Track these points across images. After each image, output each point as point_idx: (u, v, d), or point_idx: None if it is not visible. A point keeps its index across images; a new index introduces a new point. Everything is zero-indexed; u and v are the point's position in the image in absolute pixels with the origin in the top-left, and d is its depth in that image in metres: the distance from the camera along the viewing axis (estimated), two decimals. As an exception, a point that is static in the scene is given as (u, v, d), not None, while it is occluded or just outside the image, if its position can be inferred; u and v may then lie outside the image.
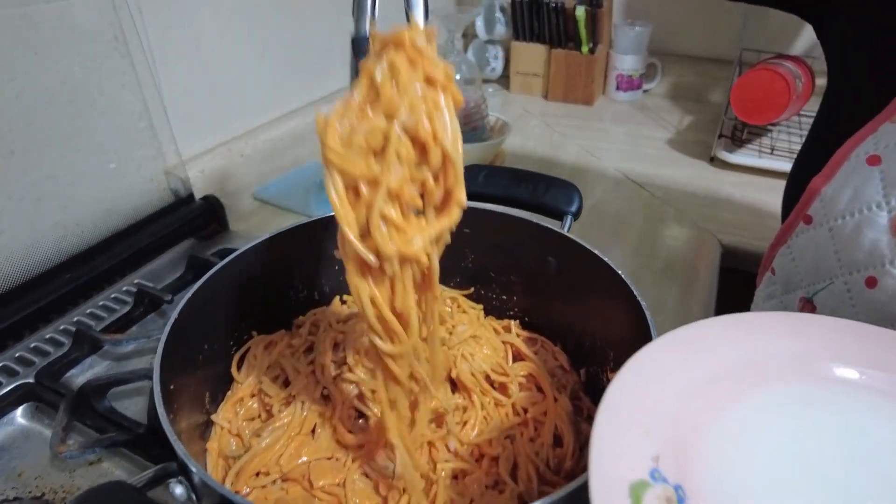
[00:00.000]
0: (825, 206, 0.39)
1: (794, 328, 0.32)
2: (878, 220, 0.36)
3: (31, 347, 0.62)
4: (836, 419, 0.28)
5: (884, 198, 0.36)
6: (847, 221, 0.37)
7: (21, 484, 0.50)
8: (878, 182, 0.36)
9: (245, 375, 0.41)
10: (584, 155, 1.09)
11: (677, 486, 0.24)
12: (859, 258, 0.37)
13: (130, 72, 0.76)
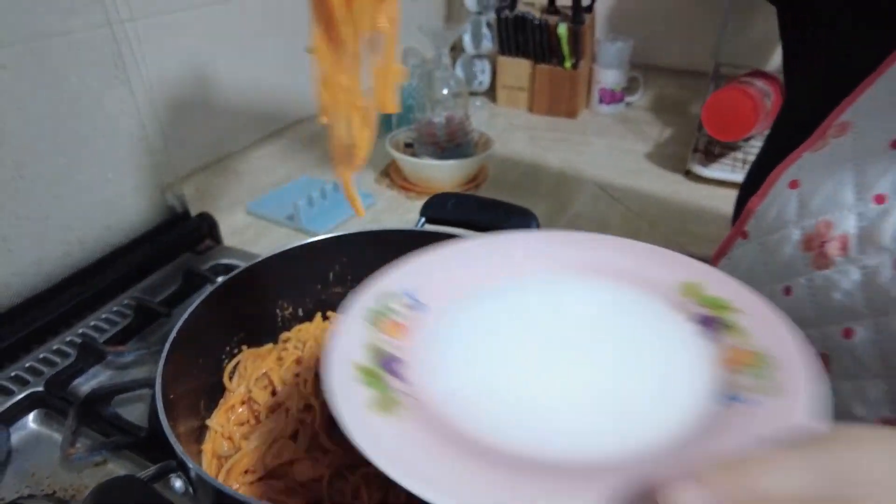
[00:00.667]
0: (757, 223, 0.44)
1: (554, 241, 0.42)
2: (793, 237, 0.41)
3: (40, 358, 0.66)
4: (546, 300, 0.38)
5: (798, 218, 0.41)
6: (772, 237, 0.42)
7: (34, 483, 0.55)
8: (795, 203, 0.41)
9: (236, 385, 0.46)
10: (564, 168, 1.14)
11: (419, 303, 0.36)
12: (780, 270, 0.42)
13: (129, 98, 0.80)
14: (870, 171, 0.38)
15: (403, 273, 0.39)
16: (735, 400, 0.29)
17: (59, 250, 0.75)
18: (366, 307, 0.35)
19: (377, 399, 0.29)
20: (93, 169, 0.77)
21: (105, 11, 0.75)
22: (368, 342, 0.32)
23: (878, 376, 0.36)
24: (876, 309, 0.36)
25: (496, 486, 0.25)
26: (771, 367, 0.30)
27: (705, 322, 0.34)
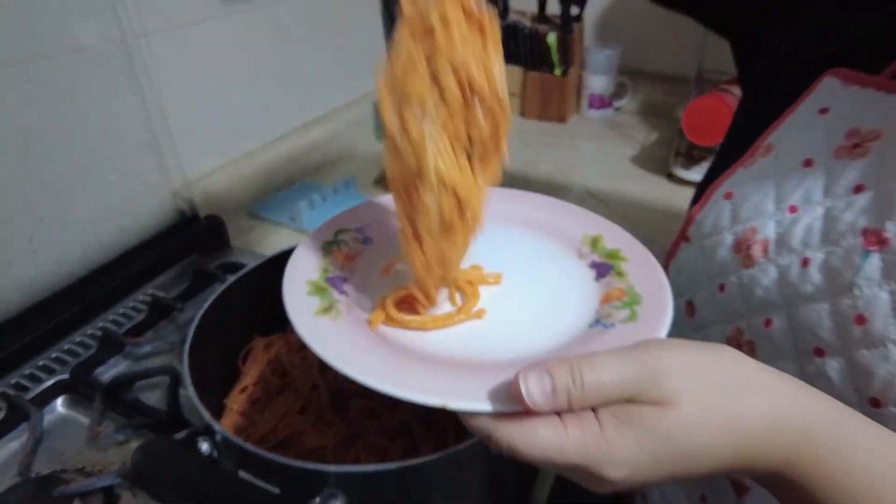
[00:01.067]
0: (697, 229, 0.50)
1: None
2: (726, 241, 0.46)
3: (65, 349, 0.72)
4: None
5: (730, 224, 0.46)
6: (709, 241, 0.48)
7: (64, 461, 0.60)
8: (729, 212, 0.47)
9: (249, 368, 0.51)
10: (553, 171, 1.20)
11: (367, 238, 0.45)
12: (715, 269, 0.47)
13: (141, 107, 0.86)
14: (786, 186, 0.43)
15: (358, 214, 0.48)
16: (602, 325, 0.37)
17: (78, 250, 0.81)
18: (322, 240, 0.43)
19: (322, 306, 0.36)
20: (108, 174, 0.83)
21: (121, 28, 0.81)
22: (321, 266, 0.41)
23: (790, 359, 0.42)
24: (788, 301, 0.42)
25: (407, 371, 0.32)
26: (636, 303, 0.38)
27: (599, 267, 0.43)
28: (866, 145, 0.40)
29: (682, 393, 0.28)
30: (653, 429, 0.27)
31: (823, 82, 0.44)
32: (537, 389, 0.27)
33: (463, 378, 0.32)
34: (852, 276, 0.38)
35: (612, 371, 0.28)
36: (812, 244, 0.41)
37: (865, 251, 0.38)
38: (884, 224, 0.38)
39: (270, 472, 0.36)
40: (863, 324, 0.37)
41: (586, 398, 0.27)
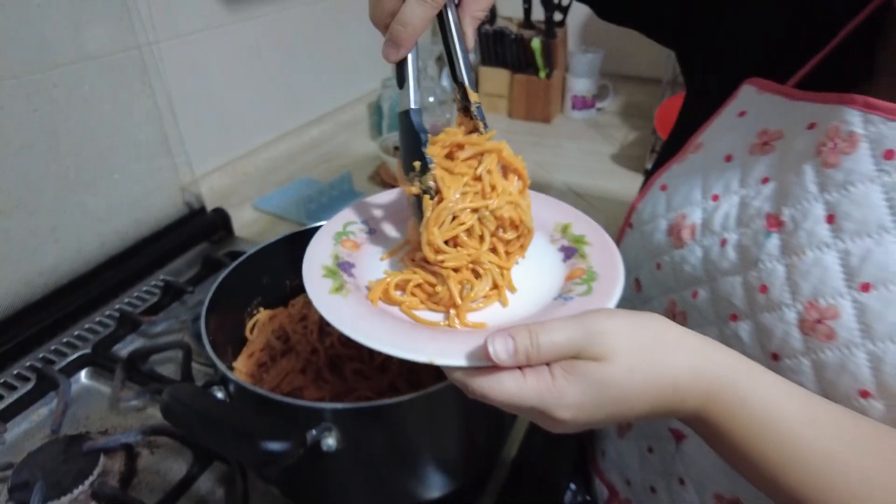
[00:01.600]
0: (638, 216, 0.58)
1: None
2: (661, 226, 0.54)
3: (86, 328, 0.80)
4: None
5: (665, 212, 0.54)
6: (647, 227, 0.56)
7: (89, 424, 0.68)
8: (664, 202, 0.55)
9: (255, 337, 0.59)
10: (536, 169, 1.28)
11: (371, 229, 0.52)
12: (653, 250, 0.55)
13: (154, 109, 0.94)
14: (711, 178, 0.51)
15: (364, 208, 0.54)
16: (563, 298, 0.43)
17: (96, 240, 0.88)
18: (334, 230, 0.51)
19: (334, 286, 0.43)
20: (124, 171, 0.91)
21: (135, 36, 0.89)
22: (332, 253, 0.48)
23: (713, 324, 0.50)
24: (710, 276, 0.50)
25: (402, 336, 0.38)
26: (593, 280, 0.44)
27: (567, 251, 0.49)
28: (773, 143, 0.48)
29: (615, 350, 0.34)
30: (593, 378, 0.34)
31: (742, 89, 0.52)
32: (502, 349, 0.34)
33: (446, 341, 0.38)
34: (757, 253, 0.46)
35: (561, 334, 0.34)
36: (729, 227, 0.49)
37: (768, 232, 0.46)
38: (781, 209, 0.46)
39: (275, 411, 0.43)
40: (765, 292, 0.45)
41: (541, 356, 0.34)
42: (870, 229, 0.41)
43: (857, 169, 0.42)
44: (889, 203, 0.41)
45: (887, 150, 0.41)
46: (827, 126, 0.44)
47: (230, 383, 0.45)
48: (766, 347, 0.46)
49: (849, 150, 0.43)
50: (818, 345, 0.42)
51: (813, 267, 0.43)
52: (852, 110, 0.43)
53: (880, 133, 0.41)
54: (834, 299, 0.42)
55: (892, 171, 0.41)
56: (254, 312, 0.61)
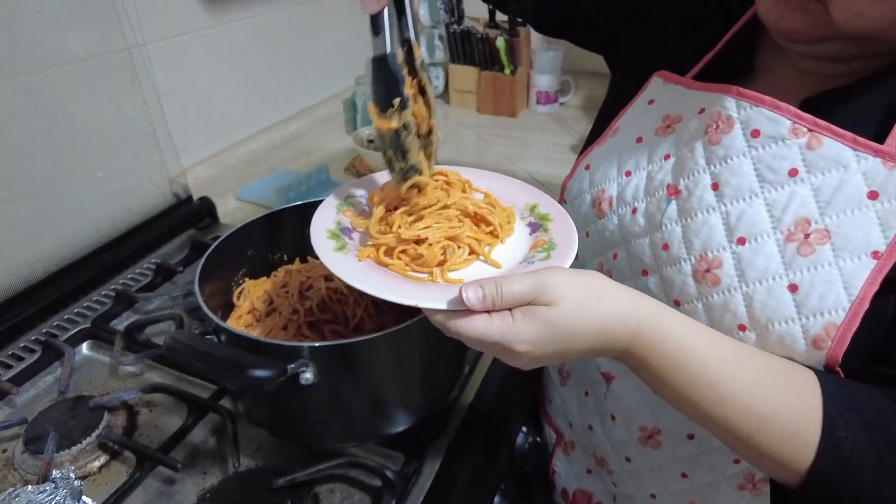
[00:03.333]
0: (569, 193, 0.67)
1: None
2: (586, 201, 0.64)
3: (85, 306, 0.87)
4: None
5: (588, 188, 0.64)
6: (576, 202, 0.65)
7: (92, 388, 0.76)
8: (587, 179, 0.64)
9: (242, 301, 0.67)
10: (501, 160, 1.37)
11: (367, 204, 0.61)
12: (582, 222, 0.64)
13: (143, 106, 1.01)
14: (624, 157, 0.61)
15: (361, 185, 0.62)
16: (527, 262, 0.52)
17: (91, 227, 0.96)
18: (336, 201, 0.59)
19: (337, 246, 0.52)
20: (116, 163, 0.98)
21: (125, 38, 0.96)
22: (335, 219, 0.56)
23: (629, 279, 0.59)
24: (625, 239, 0.59)
25: (393, 284, 0.47)
26: (551, 248, 0.53)
27: (533, 226, 0.58)
28: (673, 126, 0.58)
29: (563, 298, 0.43)
30: (545, 319, 0.42)
31: (652, 81, 0.62)
32: (473, 296, 0.42)
33: (429, 290, 0.46)
34: (660, 218, 0.56)
35: (520, 284, 0.42)
36: (638, 198, 0.58)
37: (668, 199, 0.56)
38: (678, 180, 0.55)
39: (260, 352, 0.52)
40: (666, 249, 0.55)
41: (504, 301, 0.42)
42: (744, 194, 0.51)
43: (733, 145, 0.52)
44: (757, 172, 0.50)
45: (754, 129, 0.51)
46: (712, 111, 0.54)
47: (221, 332, 0.54)
48: (670, 296, 0.55)
49: (727, 130, 0.52)
50: (707, 290, 0.52)
51: (702, 226, 0.53)
52: (729, 98, 0.53)
53: (749, 116, 0.51)
54: (718, 252, 0.52)
55: (758, 146, 0.51)
56: (240, 282, 0.70)
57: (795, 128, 0.48)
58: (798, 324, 0.47)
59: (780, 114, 0.49)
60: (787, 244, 0.48)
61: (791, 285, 0.47)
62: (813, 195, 0.47)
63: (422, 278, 0.50)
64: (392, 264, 0.51)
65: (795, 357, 0.48)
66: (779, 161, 0.49)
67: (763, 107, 0.50)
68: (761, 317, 0.49)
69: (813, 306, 0.46)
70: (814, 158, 0.47)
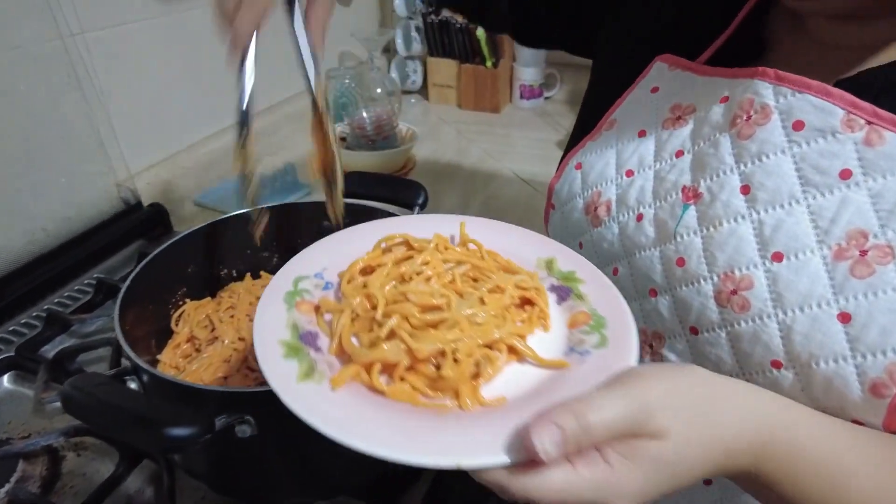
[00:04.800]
0: (557, 197, 0.58)
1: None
2: (578, 205, 0.54)
3: (10, 330, 0.76)
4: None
5: (581, 190, 0.54)
6: (567, 207, 0.56)
7: (11, 430, 0.65)
8: (579, 181, 0.55)
9: (181, 327, 0.57)
10: (484, 158, 1.28)
11: (328, 282, 0.43)
12: (574, 230, 0.55)
13: (82, 102, 0.90)
14: (625, 154, 0.52)
15: (313, 257, 0.45)
16: (577, 352, 0.38)
17: (23, 238, 0.85)
18: (284, 290, 0.41)
19: (302, 370, 0.34)
20: (52, 167, 0.87)
21: (56, 26, 0.85)
22: (288, 322, 0.38)
23: (633, 300, 0.50)
24: (628, 251, 0.50)
25: (411, 434, 0.31)
26: (601, 325, 0.40)
27: (559, 290, 0.44)
28: (685, 117, 0.49)
29: (672, 424, 0.31)
30: (655, 459, 0.31)
31: (654, 66, 0.53)
32: (550, 442, 0.29)
33: (469, 433, 0.31)
34: (674, 226, 0.47)
35: (610, 412, 0.30)
36: (644, 202, 0.49)
37: (685, 204, 0.46)
38: (698, 181, 0.46)
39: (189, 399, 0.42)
40: (682, 265, 0.46)
41: (592, 439, 0.30)
42: (782, 199, 0.42)
43: (770, 140, 0.43)
44: (799, 173, 0.41)
45: (796, 120, 0.42)
46: (740, 99, 0.45)
47: (142, 373, 0.44)
48: (685, 321, 0.46)
49: (762, 122, 0.43)
50: (733, 316, 0.43)
51: (729, 238, 0.44)
52: (765, 83, 0.43)
53: (790, 105, 0.42)
54: (748, 269, 0.42)
55: (801, 141, 0.41)
56: (179, 304, 0.59)
57: (850, 119, 0.39)
58: (851, 363, 0.38)
59: (831, 101, 0.40)
60: (837, 262, 0.39)
61: (842, 314, 0.38)
62: (871, 202, 0.38)
63: (443, 406, 0.35)
64: (395, 393, 0.35)
65: (847, 405, 0.39)
66: (828, 160, 0.40)
67: (809, 93, 0.41)
68: (803, 352, 0.40)
69: (871, 342, 0.37)
70: (873, 157, 0.38)
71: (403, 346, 0.36)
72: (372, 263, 0.44)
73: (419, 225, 0.49)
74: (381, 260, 0.44)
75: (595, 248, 0.53)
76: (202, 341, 0.55)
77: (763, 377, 0.42)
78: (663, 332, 0.48)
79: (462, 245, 0.48)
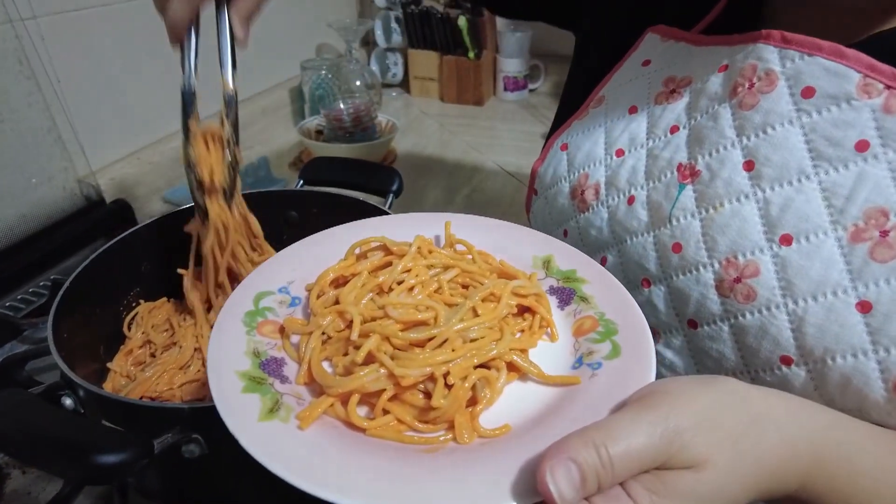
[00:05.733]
0: (541, 181, 0.54)
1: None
2: (564, 189, 0.50)
3: (-44, 336, 0.71)
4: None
5: (567, 173, 0.50)
6: (551, 191, 0.52)
7: (-49, 446, 0.59)
8: (565, 163, 0.51)
9: (134, 332, 0.52)
10: (468, 151, 1.23)
11: (295, 298, 0.38)
12: (558, 216, 0.51)
13: (36, 92, 0.85)
14: (615, 132, 0.47)
15: (277, 269, 0.40)
16: (588, 366, 0.34)
17: (-28, 238, 0.79)
18: (243, 311, 0.36)
19: (266, 406, 0.29)
20: (6, 162, 0.81)
21: (5, 9, 0.79)
22: (248, 348, 0.33)
23: (623, 289, 0.46)
24: (618, 238, 0.46)
25: (404, 481, 0.26)
26: (612, 332, 0.35)
27: (559, 293, 0.40)
28: (680, 90, 0.44)
29: (711, 452, 0.27)
30: (693, 495, 0.27)
31: (646, 38, 0.49)
32: (567, 484, 0.25)
33: (469, 473, 0.27)
34: (670, 209, 0.42)
35: (636, 441, 0.26)
36: (636, 183, 0.45)
37: (681, 184, 0.42)
38: (696, 158, 0.42)
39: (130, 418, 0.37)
40: (679, 251, 0.42)
41: (616, 475, 0.25)
42: (790, 176, 0.38)
43: (775, 109, 0.39)
44: (809, 146, 0.37)
45: (806, 86, 0.38)
46: (742, 66, 0.41)
47: (77, 387, 0.39)
48: (683, 314, 0.42)
49: (767, 90, 0.39)
50: (737, 308, 0.39)
51: (731, 219, 0.40)
52: (769, 46, 0.39)
53: (798, 69, 0.38)
54: (753, 254, 0.38)
55: (811, 110, 0.37)
56: (132, 305, 0.54)
57: (867, 83, 0.35)
58: (873, 359, 0.34)
59: (845, 64, 0.36)
60: (855, 245, 0.35)
61: (861, 303, 0.34)
62: (892, 177, 0.34)
63: (436, 441, 0.30)
64: (377, 429, 0.30)
65: (867, 405, 0.35)
66: (842, 130, 0.36)
67: (820, 55, 0.37)
68: (817, 346, 0.36)
69: (894, 334, 0.33)
70: (893, 126, 0.34)
71: (385, 371, 0.31)
72: (345, 273, 0.39)
73: (398, 225, 0.44)
74: (356, 269, 0.39)
75: (581, 235, 0.49)
76: (158, 346, 0.50)
77: (771, 375, 0.38)
78: (658, 326, 0.44)
79: (448, 247, 0.43)
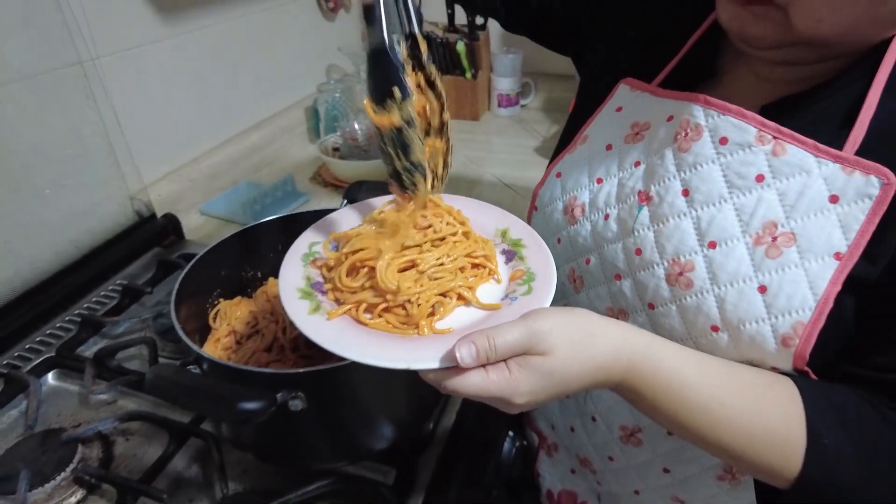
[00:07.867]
0: (540, 201, 0.69)
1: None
2: (558, 207, 0.65)
3: (48, 333, 0.84)
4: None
5: (560, 195, 0.65)
6: (548, 208, 0.67)
7: (61, 420, 0.73)
8: (559, 187, 0.66)
9: (220, 323, 0.66)
10: (466, 164, 1.38)
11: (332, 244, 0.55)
12: (553, 228, 0.66)
13: (99, 122, 0.98)
14: (595, 164, 0.62)
15: (324, 226, 0.58)
16: (510, 298, 0.50)
17: (50, 250, 0.93)
18: (301, 252, 0.55)
19: (312, 307, 0.48)
20: (74, 183, 0.95)
21: (76, 52, 0.93)
22: (304, 274, 0.52)
23: (603, 284, 0.61)
24: (598, 245, 0.61)
25: (380, 347, 0.44)
26: (532, 280, 0.52)
27: (507, 254, 0.57)
28: (642, 133, 0.59)
29: (555, 346, 0.43)
30: (541, 370, 0.43)
31: (619, 88, 0.64)
32: (467, 354, 0.41)
33: (418, 348, 0.44)
34: (633, 224, 0.57)
35: (512, 335, 0.42)
36: (610, 204, 0.60)
37: (640, 206, 0.57)
38: (649, 186, 0.57)
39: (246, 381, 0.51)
40: (639, 254, 0.57)
41: (498, 354, 0.42)
42: (713, 199, 0.53)
43: (702, 152, 0.54)
44: (726, 178, 0.52)
45: (722, 136, 0.53)
46: (681, 119, 0.56)
47: (204, 361, 0.53)
48: (644, 299, 0.57)
49: (696, 138, 0.54)
50: (681, 293, 0.54)
51: (674, 231, 0.54)
52: (697, 106, 0.54)
53: (717, 124, 0.53)
54: (690, 256, 0.53)
55: (726, 153, 0.52)
56: (215, 303, 0.68)
57: (761, 135, 0.50)
58: (768, 323, 0.49)
59: (746, 122, 0.51)
60: (756, 247, 0.50)
61: (761, 286, 0.49)
62: (779, 199, 0.49)
63: (407, 332, 0.48)
64: (374, 324, 0.48)
65: (766, 356, 0.50)
66: (746, 167, 0.51)
67: (730, 115, 0.52)
68: (733, 318, 0.51)
69: (781, 306, 0.48)
70: (779, 164, 0.49)
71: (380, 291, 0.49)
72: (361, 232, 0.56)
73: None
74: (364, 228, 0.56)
75: (571, 242, 0.64)
76: (242, 334, 0.64)
77: (706, 339, 0.53)
78: (627, 309, 0.59)
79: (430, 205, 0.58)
